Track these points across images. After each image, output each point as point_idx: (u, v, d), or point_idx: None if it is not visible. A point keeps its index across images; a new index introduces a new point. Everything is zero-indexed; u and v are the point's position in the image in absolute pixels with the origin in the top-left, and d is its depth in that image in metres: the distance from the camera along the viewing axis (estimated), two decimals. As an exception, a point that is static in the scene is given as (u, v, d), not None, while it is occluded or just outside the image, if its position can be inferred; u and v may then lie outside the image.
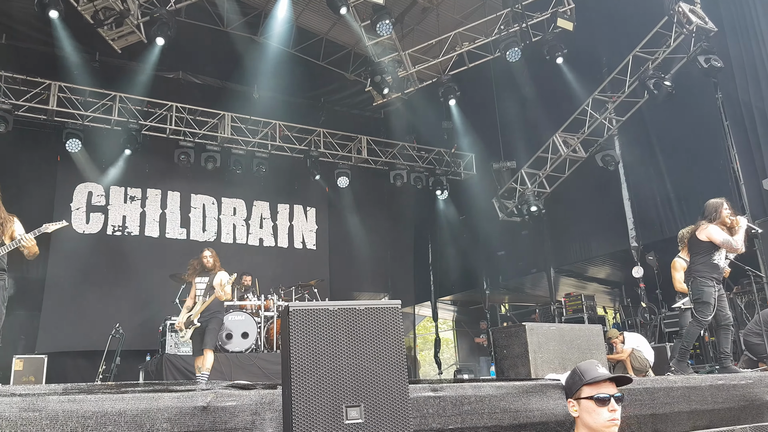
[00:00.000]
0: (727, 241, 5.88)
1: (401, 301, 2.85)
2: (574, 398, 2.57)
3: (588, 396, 2.51)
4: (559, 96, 12.24)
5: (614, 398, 2.50)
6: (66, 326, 11.09)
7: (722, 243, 5.88)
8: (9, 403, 2.43)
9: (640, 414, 4.12)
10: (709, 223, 6.00)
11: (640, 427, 4.09)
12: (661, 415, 4.22)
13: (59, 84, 11.23)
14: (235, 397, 2.99)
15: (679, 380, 4.59)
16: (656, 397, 4.25)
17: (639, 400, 4.16)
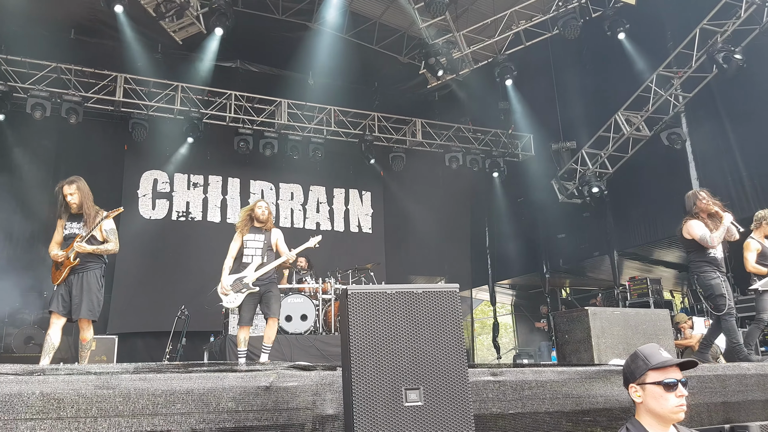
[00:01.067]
0: (704, 238, 5.70)
1: (458, 285, 2.83)
2: (637, 383, 2.50)
3: (654, 381, 2.43)
4: (620, 73, 11.83)
5: (681, 383, 2.42)
6: (134, 308, 11.57)
7: (700, 239, 5.71)
8: (85, 381, 2.56)
9: (711, 402, 3.99)
10: (690, 218, 5.84)
11: (710, 415, 3.96)
12: (733, 403, 4.07)
13: (125, 76, 11.65)
14: (296, 378, 3.06)
15: (753, 367, 4.41)
16: (728, 385, 4.10)
17: (710, 388, 4.03)
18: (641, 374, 2.48)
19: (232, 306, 6.05)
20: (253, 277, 5.99)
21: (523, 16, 11.45)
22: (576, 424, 3.80)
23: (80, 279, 5.42)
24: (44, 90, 10.76)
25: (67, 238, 5.49)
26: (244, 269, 6.05)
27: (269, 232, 6.26)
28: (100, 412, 2.50)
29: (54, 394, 2.47)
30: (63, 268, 5.37)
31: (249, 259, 6.10)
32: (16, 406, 2.41)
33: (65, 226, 5.53)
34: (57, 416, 2.43)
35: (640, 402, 2.48)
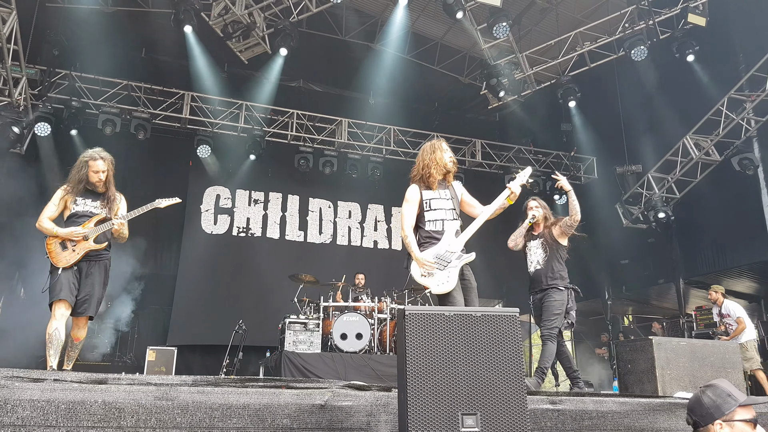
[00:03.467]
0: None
1: (518, 309, 2.77)
2: (724, 420, 2.37)
3: (744, 419, 2.34)
4: (689, 96, 11.45)
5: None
6: (194, 321, 11.83)
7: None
8: (145, 392, 2.62)
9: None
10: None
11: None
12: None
13: (192, 94, 12.09)
14: (351, 397, 3.04)
15: None
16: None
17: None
18: (729, 410, 2.36)
19: (446, 289, 4.26)
20: (459, 244, 4.41)
21: (588, 38, 11.27)
22: (638, 457, 3.65)
23: (95, 268, 4.79)
24: (115, 107, 11.32)
25: (79, 215, 4.79)
26: (432, 240, 4.38)
27: (451, 185, 4.61)
28: (158, 423, 2.55)
29: (115, 403, 2.54)
30: (78, 249, 4.68)
31: (436, 225, 4.40)
32: (80, 413, 2.49)
33: (76, 201, 4.83)
34: (117, 425, 2.49)
35: None
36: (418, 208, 4.41)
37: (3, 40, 8.27)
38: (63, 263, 4.63)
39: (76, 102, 11.01)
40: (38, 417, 2.44)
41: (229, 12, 9.86)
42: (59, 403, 2.47)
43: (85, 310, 4.71)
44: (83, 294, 4.70)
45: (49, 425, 2.43)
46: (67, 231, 4.68)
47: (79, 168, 4.88)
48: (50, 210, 4.81)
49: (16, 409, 2.44)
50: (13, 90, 9.36)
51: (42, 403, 2.47)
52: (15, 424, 2.41)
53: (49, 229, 4.71)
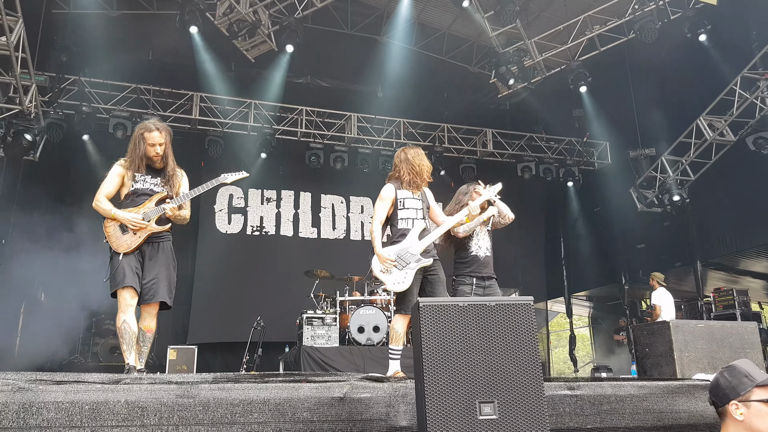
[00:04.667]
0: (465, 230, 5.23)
1: (533, 297, 2.78)
2: (739, 400, 2.36)
3: (761, 399, 2.30)
4: (701, 76, 11.31)
5: None
6: (213, 319, 11.95)
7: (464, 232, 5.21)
8: (167, 390, 2.66)
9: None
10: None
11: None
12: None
13: (200, 95, 12.14)
14: (369, 389, 3.07)
15: None
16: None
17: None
18: (745, 391, 2.35)
19: (401, 288, 4.55)
20: (420, 247, 4.61)
21: (597, 21, 11.16)
22: (658, 440, 3.65)
23: (158, 251, 4.35)
24: (125, 110, 11.39)
25: (139, 194, 4.35)
26: (402, 238, 4.64)
27: (422, 191, 4.94)
28: (181, 420, 2.59)
29: (138, 402, 2.58)
30: (140, 232, 4.25)
31: (407, 223, 4.67)
32: (103, 413, 2.54)
33: (135, 177, 4.38)
34: (141, 424, 2.54)
35: (741, 420, 2.35)
36: (392, 206, 4.71)
37: (11, 48, 8.35)
38: (124, 248, 4.19)
39: (87, 107, 11.09)
40: (63, 418, 2.49)
41: (234, 11, 9.88)
42: (83, 404, 2.52)
43: (153, 296, 4.22)
44: (149, 279, 4.24)
45: (74, 426, 2.48)
46: (127, 216, 4.21)
47: (136, 142, 4.38)
48: (107, 187, 4.35)
49: (41, 411, 2.49)
50: (24, 98, 9.45)
51: (66, 405, 2.52)
52: (41, 425, 2.46)
53: (107, 211, 4.27)
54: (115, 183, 4.38)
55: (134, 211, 4.29)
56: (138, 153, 4.36)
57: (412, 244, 4.60)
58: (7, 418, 2.47)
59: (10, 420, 2.46)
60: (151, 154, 4.39)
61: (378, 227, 4.67)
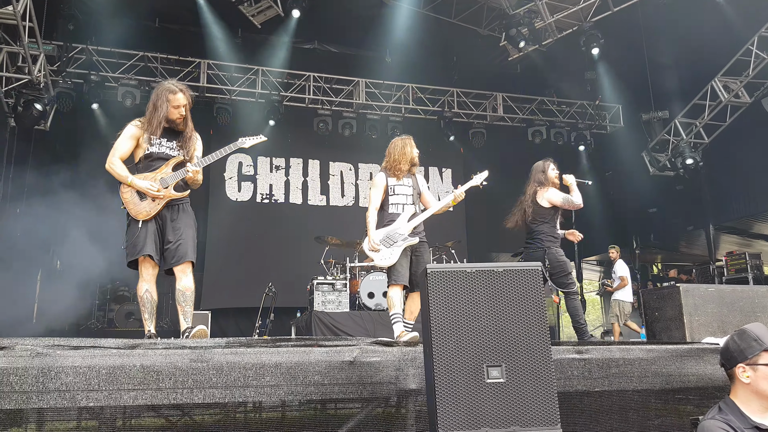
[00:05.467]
0: (567, 200, 5.69)
1: (540, 263, 2.79)
2: (746, 363, 2.38)
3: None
4: (717, 37, 11.05)
5: None
6: (225, 285, 12.11)
7: (563, 203, 5.70)
8: (181, 355, 2.72)
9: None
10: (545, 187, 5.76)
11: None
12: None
13: (208, 62, 12.05)
14: (379, 353, 3.12)
15: None
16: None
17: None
18: (754, 354, 2.37)
19: (388, 263, 4.97)
20: (408, 228, 5.01)
21: (609, -19, 10.91)
22: (666, 402, 3.70)
23: (179, 213, 4.28)
24: (133, 78, 11.37)
25: (155, 158, 4.24)
26: (392, 221, 5.03)
27: (414, 176, 5.26)
28: (195, 384, 2.66)
29: (153, 366, 2.65)
30: (158, 199, 4.15)
31: (398, 209, 5.08)
32: (120, 377, 2.61)
33: (151, 140, 4.23)
34: (156, 387, 2.61)
35: (747, 383, 2.37)
36: (384, 193, 5.12)
37: (18, 17, 8.30)
38: (143, 215, 4.07)
39: (95, 76, 11.08)
40: (81, 382, 2.57)
41: (240, -25, 9.75)
42: (100, 368, 2.60)
43: (183, 256, 4.16)
44: (175, 240, 4.15)
45: (92, 389, 2.56)
46: (145, 185, 4.06)
47: (158, 103, 4.24)
48: (122, 148, 4.18)
49: (59, 375, 2.57)
50: (32, 67, 9.43)
51: (84, 369, 2.59)
52: (59, 389, 2.54)
53: (123, 177, 4.12)
54: (130, 145, 4.24)
55: (150, 177, 4.17)
56: (159, 114, 4.22)
57: (401, 226, 5.01)
58: (26, 382, 2.54)
59: (29, 384, 2.54)
60: (174, 117, 4.28)
61: (372, 213, 5.10)
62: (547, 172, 5.93)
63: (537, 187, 5.91)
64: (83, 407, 2.60)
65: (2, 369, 2.55)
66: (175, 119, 4.29)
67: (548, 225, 5.87)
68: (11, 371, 2.54)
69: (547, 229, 5.86)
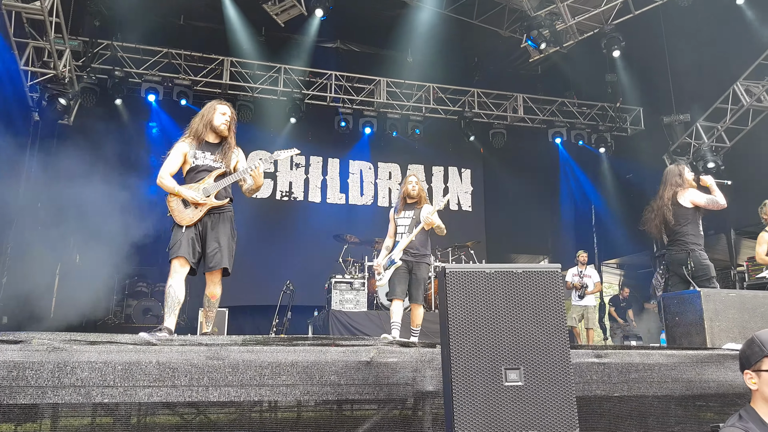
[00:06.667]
0: (712, 200, 5.69)
1: (561, 264, 2.76)
2: (753, 370, 2.35)
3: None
4: (739, 40, 10.91)
5: None
6: (243, 282, 12.10)
7: (706, 204, 5.68)
8: (197, 352, 2.72)
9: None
10: (684, 188, 5.74)
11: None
12: None
13: (231, 59, 12.11)
14: (396, 354, 3.10)
15: None
16: None
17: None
18: (757, 360, 2.35)
19: (381, 284, 6.13)
20: (399, 253, 6.01)
21: (632, -17, 10.79)
22: (686, 408, 3.64)
23: (218, 222, 4.66)
24: (157, 75, 11.48)
25: (199, 170, 4.63)
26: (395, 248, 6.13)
27: (420, 208, 6.18)
28: (211, 382, 2.66)
29: (169, 363, 2.65)
30: (200, 206, 4.55)
31: (399, 237, 6.15)
32: (136, 374, 2.62)
33: (195, 154, 4.64)
34: (172, 384, 2.61)
35: (755, 389, 2.35)
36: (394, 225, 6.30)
37: (45, 12, 8.42)
38: (186, 221, 4.49)
39: (119, 72, 11.19)
40: (96, 378, 2.58)
41: (263, -26, 9.79)
42: (116, 364, 2.61)
43: (217, 263, 4.58)
44: (212, 248, 4.56)
45: (108, 385, 2.57)
46: (190, 194, 4.50)
47: (205, 112, 4.76)
48: (172, 165, 4.59)
49: (75, 370, 2.58)
50: (58, 62, 9.56)
51: (99, 365, 2.60)
52: (75, 384, 2.55)
53: (170, 188, 4.52)
54: (179, 161, 4.63)
55: (194, 188, 4.57)
56: (205, 120, 4.69)
57: (395, 253, 6.07)
58: (42, 377, 2.56)
59: (45, 379, 2.56)
60: (218, 123, 4.69)
61: (386, 241, 6.35)
62: (684, 175, 5.96)
63: (676, 189, 5.91)
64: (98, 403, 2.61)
65: (18, 363, 2.57)
66: (218, 126, 4.71)
67: (692, 225, 5.88)
68: (27, 365, 2.56)
69: (691, 230, 5.88)
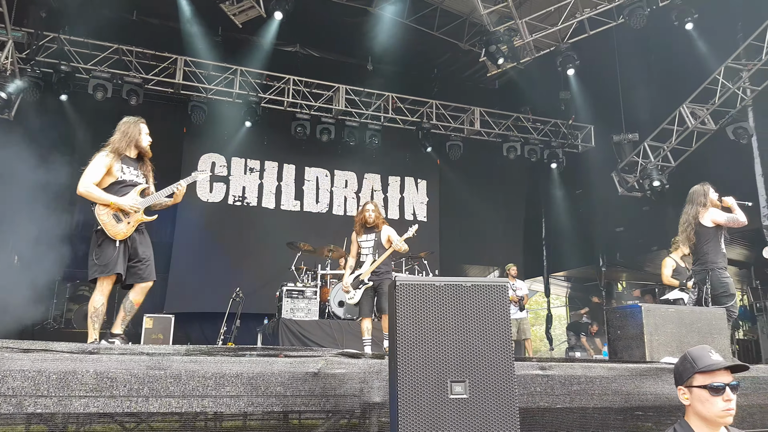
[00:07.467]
0: (732, 218, 5.89)
1: (508, 279, 2.79)
2: (685, 386, 2.44)
3: (701, 385, 2.37)
4: (686, 64, 11.38)
5: (729, 387, 2.35)
6: (191, 289, 11.87)
7: (727, 222, 5.89)
8: (138, 362, 2.64)
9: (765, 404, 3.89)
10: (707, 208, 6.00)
11: (764, 417, 3.88)
12: (788, 405, 3.95)
13: (185, 58, 11.80)
14: (344, 365, 3.08)
15: None
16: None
17: (764, 389, 3.94)
18: (688, 377, 2.43)
19: (353, 302, 6.85)
20: (366, 274, 6.70)
21: (587, 4, 11.09)
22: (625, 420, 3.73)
23: (143, 234, 4.68)
24: (106, 71, 11.02)
25: (126, 184, 4.55)
26: (361, 268, 6.79)
27: (380, 231, 6.82)
28: (151, 392, 2.58)
29: (107, 372, 2.56)
30: (132, 221, 4.49)
31: (364, 258, 6.80)
32: (71, 383, 2.51)
33: (122, 168, 4.55)
34: (110, 394, 2.52)
35: (688, 404, 2.44)
36: (357, 246, 6.92)
37: (-11, 3, 8.11)
38: (121, 236, 4.40)
39: (66, 66, 10.75)
40: (29, 387, 2.46)
41: (222, -26, 9.67)
42: (50, 373, 2.50)
43: (149, 276, 4.61)
44: (144, 260, 4.55)
45: (41, 395, 2.46)
46: (128, 203, 4.44)
47: (129, 130, 4.63)
48: (96, 176, 4.41)
49: (6, 379, 2.46)
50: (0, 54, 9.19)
51: (33, 374, 2.49)
52: (5, 393, 2.43)
53: (102, 198, 4.37)
54: (103, 172, 4.48)
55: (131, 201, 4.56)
56: (129, 138, 4.62)
57: (363, 272, 6.73)
58: (-29, 385, 2.43)
59: (-26, 387, 2.43)
60: (144, 144, 4.71)
61: (348, 261, 7.04)
62: (708, 195, 6.16)
63: (699, 209, 6.12)
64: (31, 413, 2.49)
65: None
66: (144, 146, 4.72)
67: (712, 244, 6.02)
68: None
69: (712, 249, 6.01)
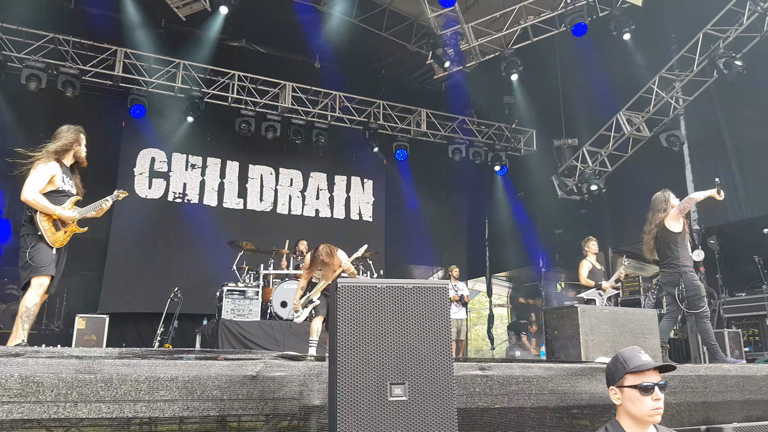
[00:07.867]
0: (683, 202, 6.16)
1: (448, 282, 2.82)
2: (616, 386, 2.53)
3: (631, 385, 2.48)
4: (624, 73, 11.82)
5: (658, 386, 2.46)
6: (127, 288, 11.49)
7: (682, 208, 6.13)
8: (66, 365, 2.53)
9: (692, 401, 4.07)
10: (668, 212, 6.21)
11: (690, 415, 4.04)
12: (713, 403, 4.16)
13: (125, 50, 11.43)
14: (284, 368, 3.05)
15: (733, 369, 4.53)
16: (709, 385, 4.18)
17: (691, 388, 4.10)
18: (620, 377, 2.52)
19: (300, 320, 7.37)
20: (316, 293, 7.15)
21: (531, 12, 11.38)
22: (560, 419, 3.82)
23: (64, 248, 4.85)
24: (40, 61, 10.55)
25: (64, 194, 4.73)
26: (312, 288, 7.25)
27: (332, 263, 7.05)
28: (80, 397, 2.48)
29: (33, 377, 2.44)
30: (69, 231, 4.71)
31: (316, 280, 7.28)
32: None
33: (63, 178, 4.72)
34: (36, 400, 2.41)
35: (619, 404, 2.52)
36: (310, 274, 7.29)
37: None
38: (59, 244, 4.61)
39: (-2, 55, 10.30)
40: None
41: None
42: (-29, 378, 2.37)
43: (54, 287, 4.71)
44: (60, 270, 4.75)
45: (-41, 401, 2.33)
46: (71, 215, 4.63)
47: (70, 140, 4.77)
48: (42, 184, 4.57)
49: None
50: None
51: (-50, 379, 2.35)
52: None
53: (48, 208, 4.55)
54: (47, 181, 4.60)
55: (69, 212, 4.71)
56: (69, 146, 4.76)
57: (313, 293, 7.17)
58: None
59: None
60: (82, 155, 4.86)
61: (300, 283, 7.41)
62: (669, 201, 6.31)
63: (662, 216, 6.26)
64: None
65: None
66: (83, 158, 4.88)
67: (681, 249, 6.18)
68: None
69: (681, 254, 6.17)
